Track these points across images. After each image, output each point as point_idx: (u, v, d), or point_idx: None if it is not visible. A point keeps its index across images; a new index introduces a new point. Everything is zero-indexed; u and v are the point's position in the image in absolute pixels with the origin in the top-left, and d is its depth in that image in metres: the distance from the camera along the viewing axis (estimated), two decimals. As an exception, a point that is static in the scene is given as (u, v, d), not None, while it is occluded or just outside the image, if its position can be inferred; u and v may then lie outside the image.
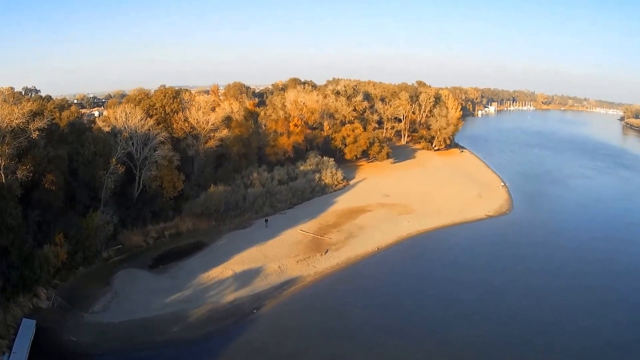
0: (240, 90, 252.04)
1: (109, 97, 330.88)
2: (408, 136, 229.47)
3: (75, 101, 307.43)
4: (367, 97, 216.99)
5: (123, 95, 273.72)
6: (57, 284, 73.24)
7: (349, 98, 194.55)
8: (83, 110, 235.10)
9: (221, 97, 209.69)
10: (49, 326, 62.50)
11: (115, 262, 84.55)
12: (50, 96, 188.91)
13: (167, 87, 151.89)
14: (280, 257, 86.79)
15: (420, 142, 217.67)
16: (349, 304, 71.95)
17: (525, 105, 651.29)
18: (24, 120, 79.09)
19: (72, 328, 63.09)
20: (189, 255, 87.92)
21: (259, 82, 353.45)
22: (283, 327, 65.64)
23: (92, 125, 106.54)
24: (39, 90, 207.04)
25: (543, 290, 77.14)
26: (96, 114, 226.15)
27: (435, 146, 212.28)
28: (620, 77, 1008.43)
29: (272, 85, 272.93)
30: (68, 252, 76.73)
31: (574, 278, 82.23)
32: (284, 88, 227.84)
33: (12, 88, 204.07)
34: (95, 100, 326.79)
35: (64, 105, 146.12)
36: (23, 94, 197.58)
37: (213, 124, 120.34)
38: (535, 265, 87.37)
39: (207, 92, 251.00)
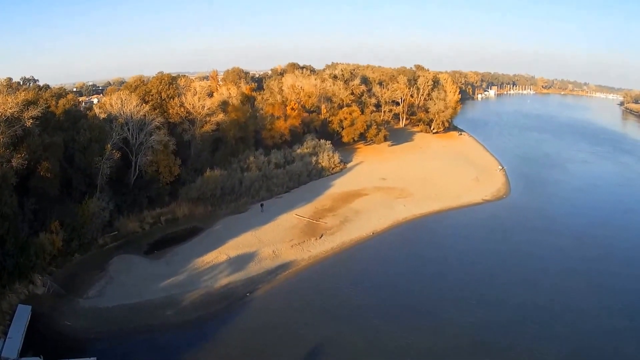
0: (239, 75, 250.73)
1: (108, 84, 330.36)
2: (406, 119, 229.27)
3: (75, 89, 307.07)
4: (365, 81, 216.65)
5: (122, 83, 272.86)
6: (53, 271, 73.84)
7: (346, 82, 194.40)
8: (81, 98, 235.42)
9: (220, 83, 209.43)
10: (44, 312, 63.27)
11: (111, 248, 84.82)
12: (48, 85, 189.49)
13: (164, 73, 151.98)
14: (275, 241, 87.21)
15: (418, 125, 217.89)
16: (342, 288, 72.39)
17: (525, 89, 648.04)
18: (17, 110, 79.44)
19: (67, 313, 63.83)
20: (185, 240, 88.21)
21: (259, 68, 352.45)
22: (275, 310, 66.11)
23: (88, 112, 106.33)
24: (37, 80, 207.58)
25: (537, 276, 77.13)
26: (95, 101, 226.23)
27: (433, 129, 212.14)
28: (621, 62, 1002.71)
29: (272, 70, 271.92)
30: (64, 240, 77.33)
31: (568, 264, 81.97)
32: (282, 73, 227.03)
33: (10, 79, 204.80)
34: (94, 88, 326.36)
35: (61, 93, 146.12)
36: (21, 83, 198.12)
37: (209, 109, 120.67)
38: (530, 251, 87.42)
39: (207, 78, 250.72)
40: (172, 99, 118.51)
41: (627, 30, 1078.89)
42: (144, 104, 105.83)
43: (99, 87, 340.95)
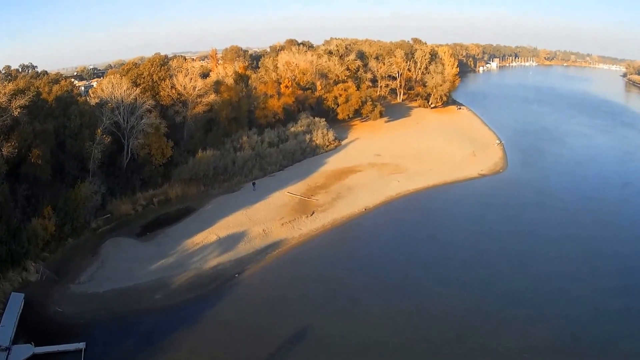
0: (237, 54, 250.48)
1: (109, 67, 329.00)
2: (404, 94, 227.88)
3: (75, 73, 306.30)
4: (362, 55, 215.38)
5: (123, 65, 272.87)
6: (46, 257, 74.35)
7: (341, 57, 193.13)
8: (81, 83, 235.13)
9: (220, 62, 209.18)
10: (37, 299, 63.87)
11: (104, 231, 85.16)
12: (45, 71, 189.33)
13: (162, 54, 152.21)
14: (266, 220, 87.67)
15: (416, 100, 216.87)
16: (331, 266, 72.79)
17: (527, 61, 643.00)
18: (5, 100, 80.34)
19: (58, 299, 64.43)
20: (177, 221, 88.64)
21: (261, 45, 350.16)
22: (263, 291, 66.61)
23: (79, 97, 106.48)
24: (36, 67, 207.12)
25: (530, 254, 76.67)
26: (95, 84, 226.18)
27: (431, 104, 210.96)
28: (624, 33, 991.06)
29: (270, 47, 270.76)
30: (56, 225, 77.54)
31: (562, 242, 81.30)
32: (280, 50, 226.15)
33: (8, 66, 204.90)
34: (95, 72, 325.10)
35: (58, 79, 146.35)
36: (20, 71, 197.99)
37: (200, 90, 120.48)
38: (524, 228, 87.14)
39: (207, 57, 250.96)
40: (163, 81, 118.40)
41: (632, 1, 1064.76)
42: (136, 87, 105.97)
43: (100, 70, 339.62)
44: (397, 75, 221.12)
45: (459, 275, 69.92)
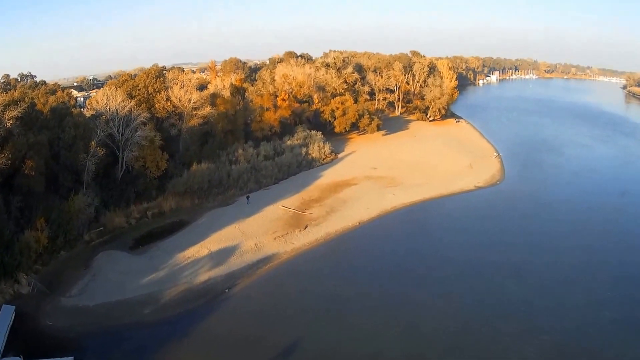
0: (236, 65, 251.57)
1: (109, 78, 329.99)
2: (402, 107, 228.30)
3: (75, 83, 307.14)
4: (360, 68, 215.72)
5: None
6: (38, 269, 74.11)
7: (339, 70, 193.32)
8: (80, 93, 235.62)
9: (219, 74, 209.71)
10: (27, 311, 63.67)
11: (97, 244, 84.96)
12: (44, 81, 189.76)
13: (160, 66, 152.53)
14: (258, 234, 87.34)
15: (414, 113, 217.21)
16: (322, 281, 72.47)
17: (527, 74, 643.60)
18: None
19: (49, 312, 64.27)
20: (170, 234, 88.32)
21: (261, 57, 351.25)
22: (253, 305, 66.23)
23: (73, 109, 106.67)
24: (35, 76, 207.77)
25: (523, 266, 75.90)
26: (94, 95, 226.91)
27: (430, 117, 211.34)
28: (624, 45, 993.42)
29: (269, 59, 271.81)
30: (49, 237, 77.40)
31: (557, 254, 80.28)
32: (279, 62, 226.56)
33: (7, 75, 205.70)
34: (94, 82, 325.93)
35: (55, 90, 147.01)
36: (19, 80, 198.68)
37: (195, 102, 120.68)
38: (518, 240, 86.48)
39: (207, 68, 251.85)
40: (158, 93, 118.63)
41: (633, 12, 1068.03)
42: (131, 99, 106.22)
43: (99, 80, 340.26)
44: (395, 88, 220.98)
45: (450, 289, 69.46)
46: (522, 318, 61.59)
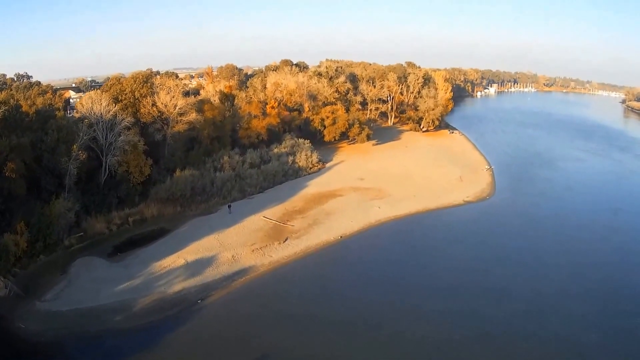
0: (232, 72, 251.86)
1: (108, 80, 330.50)
2: (395, 117, 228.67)
3: (74, 85, 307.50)
4: (354, 78, 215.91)
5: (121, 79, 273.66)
6: (16, 272, 74.36)
7: (331, 79, 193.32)
8: (77, 94, 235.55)
9: (217, 79, 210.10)
10: (2, 314, 64.29)
11: (77, 249, 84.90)
12: (38, 82, 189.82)
13: (153, 70, 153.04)
14: (237, 245, 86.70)
15: (407, 124, 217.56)
16: (297, 296, 71.84)
17: (526, 87, 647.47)
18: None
19: (22, 316, 64.53)
20: (150, 242, 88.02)
21: (261, 63, 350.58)
22: (224, 319, 66.02)
23: (58, 112, 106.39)
24: (31, 77, 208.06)
25: (502, 290, 73.42)
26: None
27: (423, 127, 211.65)
28: (624, 60, 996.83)
29: (266, 67, 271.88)
30: (28, 241, 77.64)
31: (538, 277, 77.54)
32: (275, 69, 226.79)
33: (4, 75, 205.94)
34: (92, 84, 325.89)
35: (47, 90, 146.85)
36: (15, 80, 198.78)
37: (180, 108, 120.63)
38: (502, 261, 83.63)
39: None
40: (145, 98, 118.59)
41: (633, 27, 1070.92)
42: (117, 104, 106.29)
43: (98, 82, 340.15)
44: (388, 98, 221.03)
45: (423, 311, 67.89)
46: (499, 345, 60.28)
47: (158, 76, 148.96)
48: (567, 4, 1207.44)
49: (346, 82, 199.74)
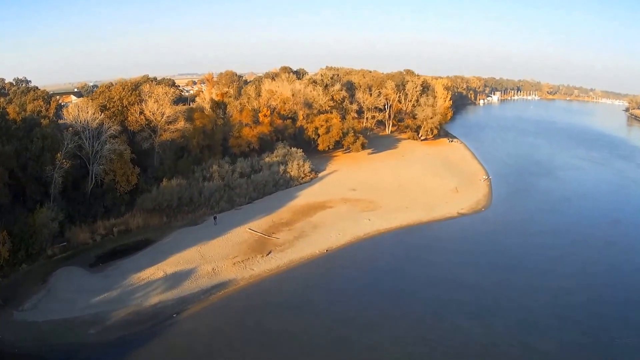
0: (231, 79, 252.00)
1: (110, 85, 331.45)
2: (393, 126, 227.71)
3: (76, 89, 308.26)
4: (351, 86, 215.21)
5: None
6: (-3, 281, 73.77)
7: (326, 87, 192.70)
8: (78, 99, 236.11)
9: (217, 85, 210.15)
10: (-20, 323, 63.60)
11: (59, 259, 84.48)
12: (36, 86, 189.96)
13: (127, 79, 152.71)
14: (218, 258, 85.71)
15: (405, 132, 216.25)
16: (276, 312, 70.26)
17: (530, 95, 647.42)
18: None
19: (0, 326, 64.34)
20: (132, 253, 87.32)
21: (263, 70, 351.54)
22: (199, 332, 65.06)
23: (42, 120, 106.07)
24: (30, 81, 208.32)
25: (489, 308, 71.31)
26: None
27: (421, 136, 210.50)
28: (628, 68, 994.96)
29: (265, 73, 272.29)
30: (10, 250, 77.09)
31: (527, 296, 74.41)
32: (274, 76, 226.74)
33: (2, 79, 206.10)
34: (94, 89, 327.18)
35: (44, 96, 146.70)
36: (14, 84, 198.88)
37: (168, 117, 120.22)
38: (491, 279, 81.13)
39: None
40: (132, 106, 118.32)
41: (636, 35, 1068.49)
42: (105, 111, 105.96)
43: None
44: (385, 106, 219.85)
45: (405, 330, 66.02)
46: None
47: (148, 84, 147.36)
48: (571, 13, 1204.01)
49: (342, 90, 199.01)
